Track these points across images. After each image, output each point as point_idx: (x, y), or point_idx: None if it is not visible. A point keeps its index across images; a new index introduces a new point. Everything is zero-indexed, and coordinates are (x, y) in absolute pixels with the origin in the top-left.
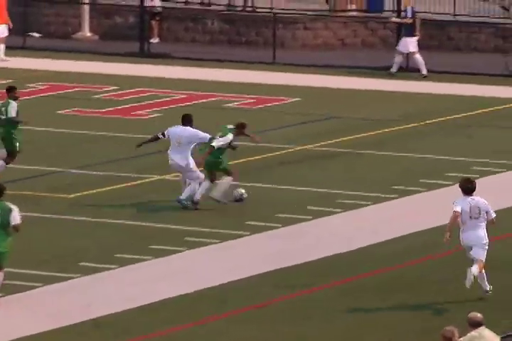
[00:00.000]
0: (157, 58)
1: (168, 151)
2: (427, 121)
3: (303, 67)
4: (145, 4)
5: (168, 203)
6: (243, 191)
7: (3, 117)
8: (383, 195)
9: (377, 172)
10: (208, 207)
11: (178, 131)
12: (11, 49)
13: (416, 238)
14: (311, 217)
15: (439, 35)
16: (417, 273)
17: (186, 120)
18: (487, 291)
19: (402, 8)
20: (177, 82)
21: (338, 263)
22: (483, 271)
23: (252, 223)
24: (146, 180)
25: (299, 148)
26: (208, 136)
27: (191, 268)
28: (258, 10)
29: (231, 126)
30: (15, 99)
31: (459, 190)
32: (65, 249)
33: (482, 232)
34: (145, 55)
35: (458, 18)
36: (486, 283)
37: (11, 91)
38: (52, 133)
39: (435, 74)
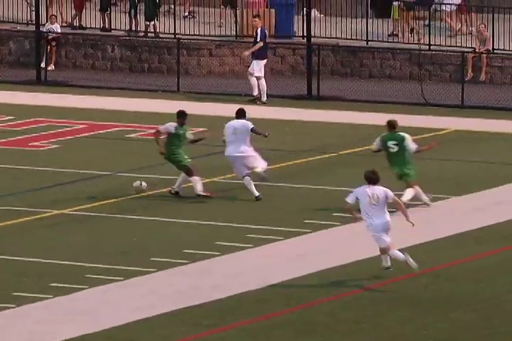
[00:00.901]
0: (54, 86)
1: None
2: (340, 152)
3: (209, 96)
4: (42, 30)
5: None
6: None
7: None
8: (294, 230)
9: (290, 206)
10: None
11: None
12: None
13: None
14: (219, 253)
15: (351, 61)
16: (328, 311)
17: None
18: (388, 267)
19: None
20: (76, 111)
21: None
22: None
23: (158, 259)
24: (44, 214)
25: (203, 181)
26: None
27: (93, 309)
28: (161, 35)
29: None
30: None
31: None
32: None
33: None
34: (42, 83)
35: (371, 44)
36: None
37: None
38: None
39: (348, 102)
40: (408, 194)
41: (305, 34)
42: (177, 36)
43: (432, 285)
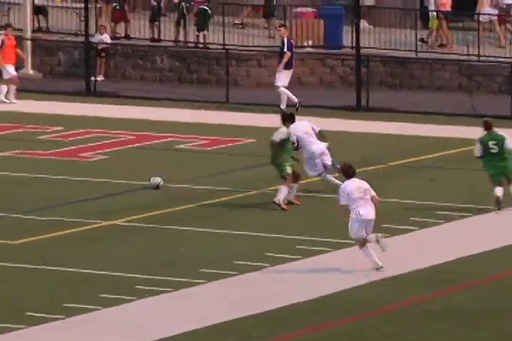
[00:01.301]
0: (104, 97)
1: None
2: (390, 163)
3: (257, 107)
4: (91, 40)
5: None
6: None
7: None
8: (343, 241)
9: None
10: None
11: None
12: None
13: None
14: (268, 265)
15: (400, 72)
16: (375, 325)
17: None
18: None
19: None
20: (125, 122)
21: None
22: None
23: (208, 270)
24: (94, 225)
25: (254, 192)
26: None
27: (142, 320)
28: (210, 46)
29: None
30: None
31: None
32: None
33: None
34: (91, 93)
35: (420, 55)
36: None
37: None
38: None
39: (399, 113)
40: None
41: (354, 45)
42: (226, 47)
43: (488, 295)
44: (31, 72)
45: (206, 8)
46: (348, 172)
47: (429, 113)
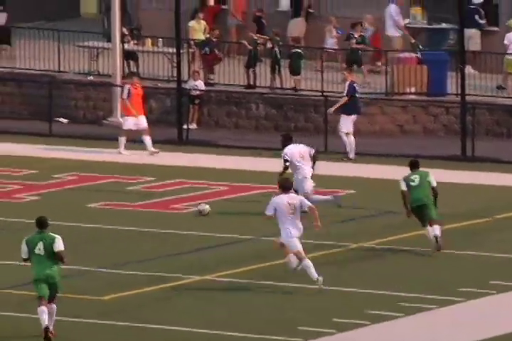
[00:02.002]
0: (197, 146)
1: None
2: (496, 216)
3: (357, 157)
4: (184, 86)
5: None
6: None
7: None
8: (449, 298)
9: (443, 272)
10: None
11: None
12: (35, 136)
13: None
14: (369, 322)
15: (508, 121)
16: None
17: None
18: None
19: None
20: (218, 172)
21: None
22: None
23: (306, 328)
24: (186, 280)
25: (353, 245)
26: None
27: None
28: (306, 92)
29: None
30: None
31: None
32: None
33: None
34: (183, 142)
35: None
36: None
37: None
38: (83, 229)
39: (506, 164)
40: None
41: (459, 92)
42: (324, 93)
43: None
44: (120, 119)
45: (299, 51)
46: (284, 186)
47: None
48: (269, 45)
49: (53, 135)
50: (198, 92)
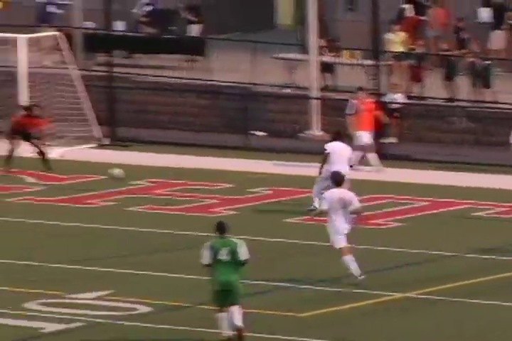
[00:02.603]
0: (396, 160)
1: None
2: None
3: None
4: (382, 99)
5: None
6: None
7: None
8: None
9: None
10: None
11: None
12: (231, 149)
13: None
14: None
15: None
16: None
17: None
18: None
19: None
20: (418, 187)
21: None
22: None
23: None
24: (385, 298)
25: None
26: None
27: None
28: (504, 106)
29: None
30: None
31: None
32: None
33: None
34: (383, 156)
35: None
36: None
37: None
38: (283, 244)
39: None
40: None
41: None
42: None
43: None
44: (318, 133)
45: (489, 62)
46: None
47: None
48: (468, 57)
49: (249, 148)
50: (398, 106)
